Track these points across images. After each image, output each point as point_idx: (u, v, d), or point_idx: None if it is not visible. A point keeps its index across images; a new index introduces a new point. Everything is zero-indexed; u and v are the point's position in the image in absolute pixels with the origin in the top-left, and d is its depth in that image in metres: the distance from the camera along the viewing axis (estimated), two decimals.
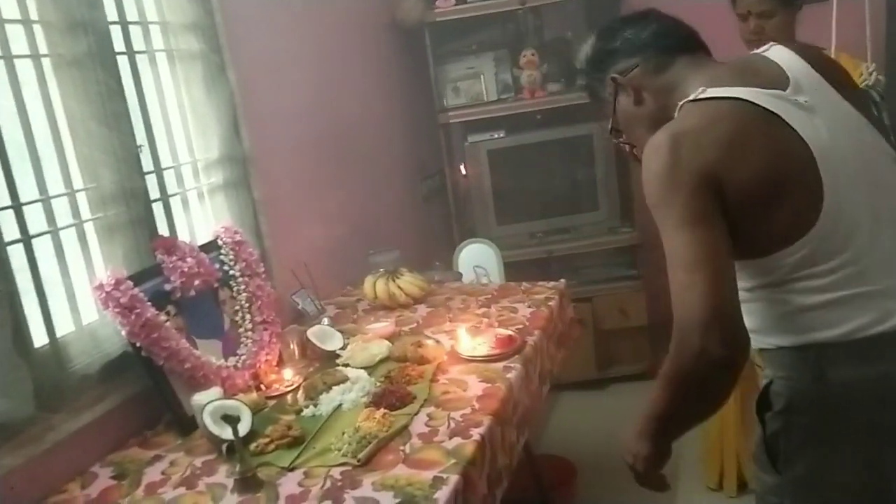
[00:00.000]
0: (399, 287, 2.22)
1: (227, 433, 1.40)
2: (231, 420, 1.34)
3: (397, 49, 3.11)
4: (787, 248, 1.06)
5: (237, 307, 1.83)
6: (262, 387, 1.74)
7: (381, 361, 1.81)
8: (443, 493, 1.23)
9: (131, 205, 1.69)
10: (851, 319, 1.06)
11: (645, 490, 2.41)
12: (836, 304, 1.06)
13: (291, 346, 1.85)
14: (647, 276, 3.15)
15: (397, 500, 1.22)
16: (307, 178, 2.40)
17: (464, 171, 3.18)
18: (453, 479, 1.27)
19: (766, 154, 1.05)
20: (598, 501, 2.44)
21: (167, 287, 1.66)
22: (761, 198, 1.05)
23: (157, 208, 1.80)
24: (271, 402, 1.67)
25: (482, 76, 3.03)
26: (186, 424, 1.57)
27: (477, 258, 2.97)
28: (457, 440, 1.40)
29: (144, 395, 1.62)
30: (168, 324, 1.59)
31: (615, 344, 3.20)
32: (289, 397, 1.68)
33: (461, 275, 2.85)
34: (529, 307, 2.10)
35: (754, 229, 1.06)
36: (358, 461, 1.34)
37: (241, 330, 1.82)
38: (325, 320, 2.06)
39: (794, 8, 2.01)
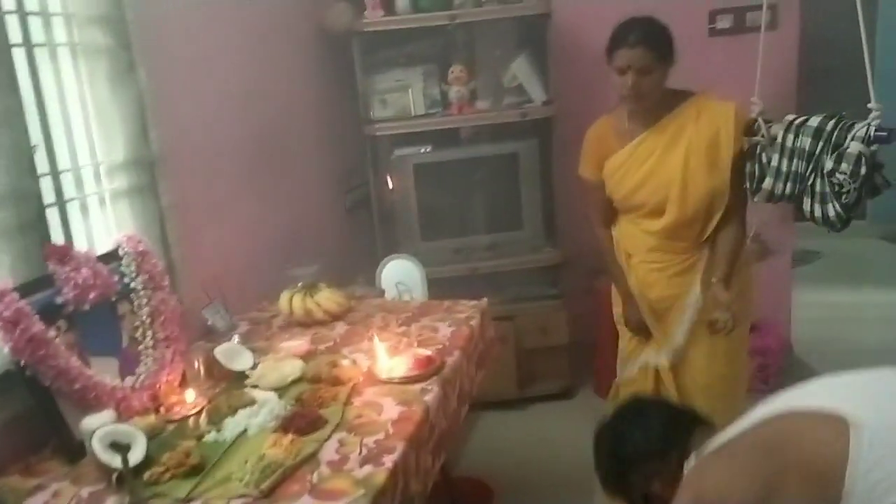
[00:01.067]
0: (317, 303, 2.14)
1: (117, 461, 1.29)
2: (120, 448, 1.23)
3: (324, 57, 3.03)
4: None
5: (138, 323, 1.71)
6: (163, 409, 1.62)
7: (294, 382, 1.73)
8: None
9: (21, 208, 1.55)
10: None
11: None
12: None
13: (196, 366, 1.75)
14: (569, 295, 3.17)
15: None
16: (222, 185, 2.28)
17: (390, 185, 3.13)
18: None
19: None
20: None
21: (59, 300, 1.53)
22: None
23: (53, 213, 1.67)
24: (171, 426, 1.56)
25: (410, 89, 2.99)
26: (74, 451, 1.44)
27: (400, 274, 2.92)
28: (368, 468, 1.34)
29: (28, 417, 1.48)
30: (57, 340, 1.46)
31: (536, 362, 3.20)
32: (191, 421, 1.57)
33: (384, 291, 2.79)
34: (450, 326, 2.06)
35: None
36: (260, 492, 1.26)
37: (141, 347, 1.69)
38: (236, 337, 1.95)
39: (670, 63, 2.05)
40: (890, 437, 1.04)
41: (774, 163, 2.02)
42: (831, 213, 1.89)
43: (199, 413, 1.59)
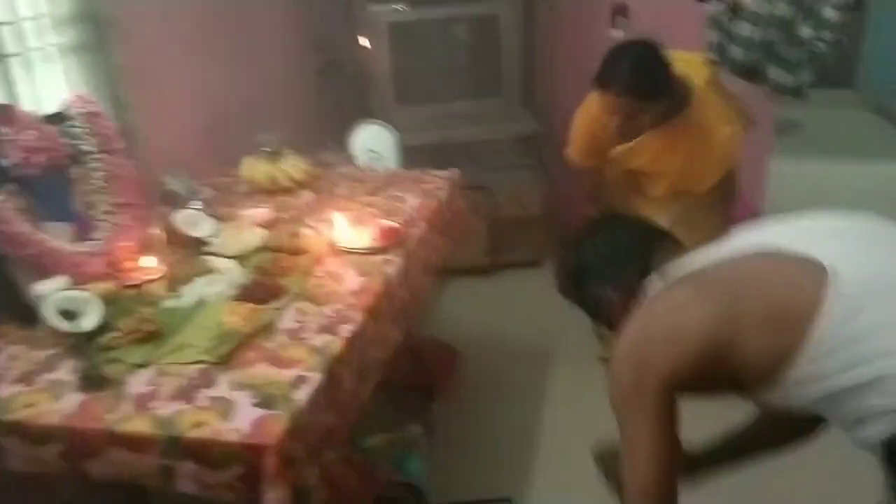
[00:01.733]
0: (281, 170, 2.09)
1: (71, 326, 1.29)
2: (70, 315, 1.23)
3: None
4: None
5: (92, 187, 1.66)
6: (120, 275, 1.61)
7: (255, 251, 1.72)
8: (303, 393, 1.20)
9: None
10: None
11: (527, 370, 2.49)
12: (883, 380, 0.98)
13: (156, 232, 1.72)
14: (548, 166, 3.13)
15: (255, 401, 1.18)
16: (180, 43, 2.15)
17: (367, 45, 2.97)
18: (316, 377, 1.24)
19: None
20: (477, 383, 2.51)
21: (4, 163, 1.47)
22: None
23: None
24: (129, 293, 1.55)
25: None
26: (30, 315, 1.43)
27: (373, 141, 2.84)
28: (325, 336, 1.36)
29: None
30: (6, 204, 1.43)
31: (509, 232, 3.21)
32: (149, 287, 1.57)
33: (355, 158, 2.73)
34: (418, 197, 2.04)
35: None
36: (217, 358, 1.28)
37: (96, 212, 1.66)
38: (198, 204, 1.91)
39: (664, 98, 1.88)
40: (866, 295, 0.98)
41: (745, 32, 1.92)
42: (804, 79, 1.85)
43: (157, 280, 1.58)
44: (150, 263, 1.63)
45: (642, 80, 1.82)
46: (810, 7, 1.80)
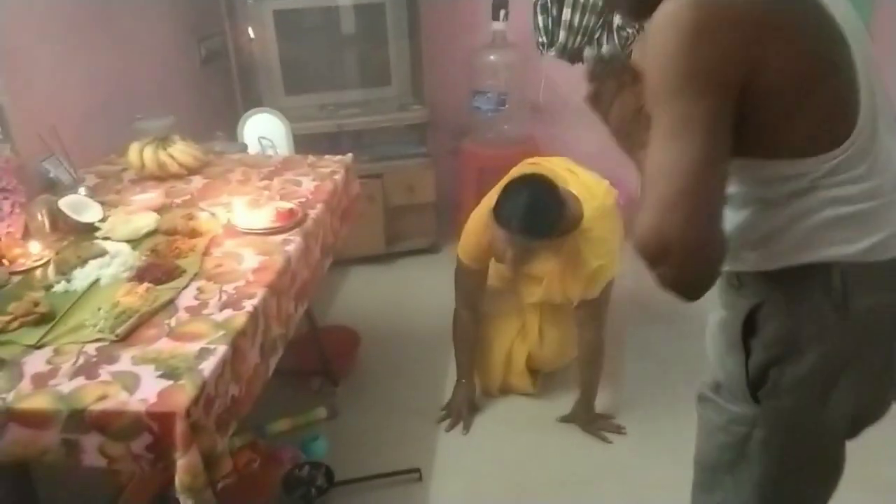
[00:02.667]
0: (170, 155, 2.05)
1: None
2: None
3: None
4: (833, 149, 0.89)
5: None
6: (5, 262, 1.54)
7: (148, 235, 1.69)
8: (208, 364, 1.20)
9: None
10: (873, 235, 0.93)
11: (422, 352, 2.57)
12: (860, 218, 0.92)
13: (39, 218, 1.65)
14: (437, 155, 3.23)
15: (159, 373, 1.18)
16: (57, 28, 2.07)
17: (251, 34, 2.94)
18: (221, 349, 1.25)
19: (806, 30, 0.88)
20: (378, 366, 2.57)
21: None
22: (803, 83, 0.87)
23: None
24: (16, 279, 1.50)
25: None
26: None
27: (264, 129, 2.83)
28: (228, 312, 1.37)
29: None
30: None
31: (403, 219, 3.28)
32: (37, 273, 1.51)
33: (246, 146, 2.71)
34: (314, 180, 2.06)
35: (789, 124, 0.89)
36: (116, 336, 1.27)
37: None
38: (83, 190, 1.86)
39: (557, 239, 1.97)
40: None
41: (566, 17, 2.10)
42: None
43: (45, 265, 1.53)
44: (35, 249, 1.57)
45: (536, 223, 1.89)
46: None
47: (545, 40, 2.11)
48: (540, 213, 1.89)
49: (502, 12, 3.04)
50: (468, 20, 3.28)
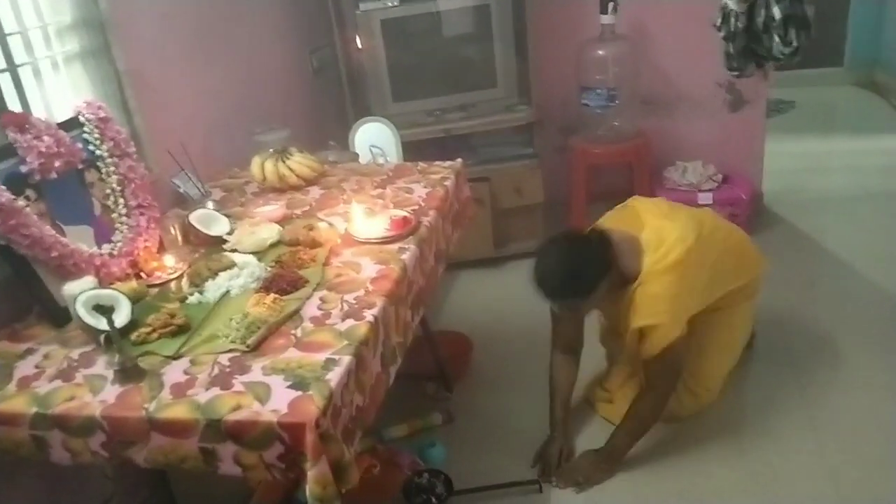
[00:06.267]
0: (289, 168, 2.11)
1: (102, 324, 1.31)
2: (104, 310, 1.25)
3: None
4: None
5: (108, 191, 1.69)
6: (143, 275, 1.64)
7: (272, 246, 1.74)
8: (335, 374, 1.22)
9: None
10: None
11: (534, 356, 2.53)
12: None
13: (173, 232, 1.74)
14: (544, 154, 3.17)
15: (288, 383, 1.21)
16: (179, 48, 2.18)
17: (359, 44, 3.00)
18: (346, 359, 1.26)
19: None
20: (492, 370, 2.54)
21: (23, 169, 1.49)
22: None
23: (5, 80, 1.59)
24: (153, 291, 1.58)
25: None
26: (59, 316, 1.47)
27: (373, 137, 2.88)
28: (350, 322, 1.39)
29: (9, 286, 1.49)
30: (28, 209, 1.45)
31: (511, 222, 3.25)
32: (172, 285, 1.60)
33: (357, 155, 2.76)
34: (425, 187, 2.06)
35: None
36: (247, 347, 1.31)
37: (114, 215, 1.68)
38: (210, 204, 1.94)
39: (595, 295, 1.87)
40: None
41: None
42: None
43: (179, 277, 1.61)
44: (170, 262, 1.66)
45: (569, 286, 1.86)
46: None
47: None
48: (571, 275, 1.85)
49: (611, 5, 2.95)
50: (575, 15, 3.20)
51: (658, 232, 1.94)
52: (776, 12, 2.51)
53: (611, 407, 2.22)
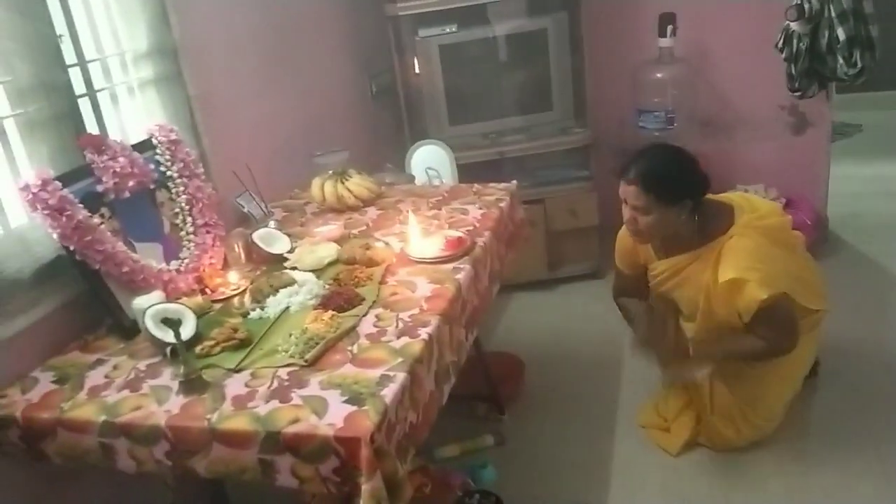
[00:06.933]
0: (348, 189, 2.17)
1: (169, 336, 1.37)
2: (172, 323, 1.31)
3: None
4: None
5: (177, 210, 1.76)
6: (207, 290, 1.70)
7: (330, 264, 1.79)
8: (389, 390, 1.24)
9: (53, 99, 1.57)
10: None
11: (587, 380, 2.49)
12: None
13: (236, 250, 1.81)
14: (599, 176, 3.15)
15: (344, 398, 1.23)
16: (245, 73, 2.27)
17: (417, 69, 3.06)
18: (400, 376, 1.28)
19: None
20: (544, 393, 2.52)
21: (99, 188, 1.58)
22: None
23: (84, 104, 1.69)
24: (217, 306, 1.64)
25: None
26: (128, 328, 1.53)
27: (430, 160, 2.92)
28: (404, 339, 1.41)
29: (82, 299, 1.57)
30: (102, 226, 1.53)
31: (566, 244, 3.23)
32: (235, 300, 1.65)
33: (413, 177, 2.81)
34: (480, 208, 2.08)
35: None
36: (305, 361, 1.34)
37: (182, 233, 1.76)
38: (272, 223, 2.00)
39: (678, 206, 1.89)
40: None
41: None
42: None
43: (242, 293, 1.66)
44: (233, 279, 1.71)
45: (656, 176, 1.88)
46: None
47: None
48: (661, 168, 1.89)
49: (669, 28, 2.94)
50: (632, 37, 3.19)
51: (750, 199, 2.01)
52: (840, 33, 2.49)
53: (667, 437, 2.17)
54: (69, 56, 1.64)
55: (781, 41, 2.69)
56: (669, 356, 2.13)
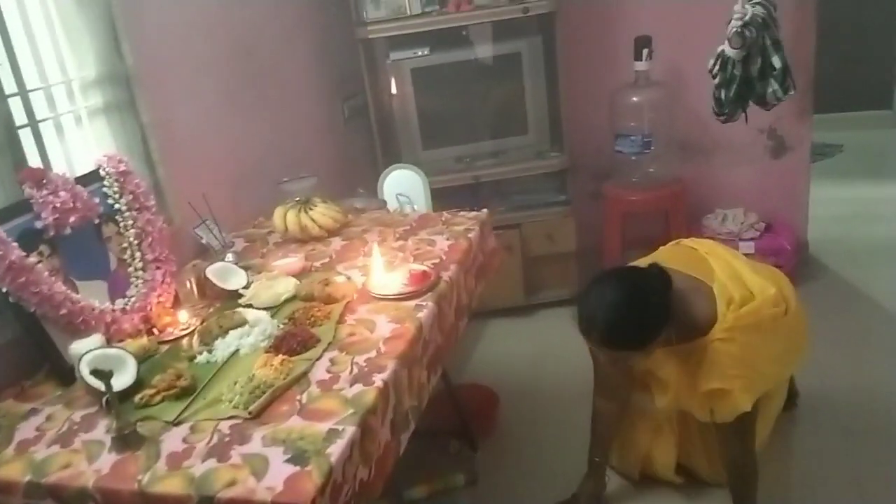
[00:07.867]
0: (311, 219, 2.09)
1: (106, 384, 1.28)
2: (102, 375, 1.22)
3: None
4: None
5: (125, 244, 1.68)
6: (155, 331, 1.61)
7: (287, 301, 1.71)
8: (336, 447, 1.16)
9: None
10: None
11: (566, 412, 2.40)
12: None
13: (188, 286, 1.72)
14: (576, 201, 3.10)
15: (287, 456, 1.15)
16: (207, 99, 2.19)
17: (393, 90, 3.00)
18: (349, 430, 1.20)
19: None
20: (520, 427, 2.44)
21: (38, 225, 1.49)
22: None
23: (26, 135, 1.60)
24: (164, 348, 1.55)
25: None
26: (67, 374, 1.44)
27: (403, 184, 2.85)
28: (358, 387, 1.33)
29: (19, 342, 1.48)
30: (39, 266, 1.44)
31: (543, 270, 3.17)
32: (183, 342, 1.56)
33: (385, 202, 2.73)
34: (448, 239, 2.01)
35: None
36: (249, 414, 1.26)
37: (130, 269, 1.67)
38: (230, 256, 1.92)
39: (653, 343, 1.64)
40: None
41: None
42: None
43: (191, 334, 1.58)
44: (183, 318, 1.63)
45: (618, 335, 1.61)
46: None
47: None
48: (621, 325, 1.59)
49: (645, 51, 2.89)
50: (608, 61, 3.15)
51: (737, 280, 1.75)
52: (776, 61, 2.54)
53: (655, 467, 2.11)
54: (8, 85, 1.55)
55: (717, 66, 2.66)
56: None
